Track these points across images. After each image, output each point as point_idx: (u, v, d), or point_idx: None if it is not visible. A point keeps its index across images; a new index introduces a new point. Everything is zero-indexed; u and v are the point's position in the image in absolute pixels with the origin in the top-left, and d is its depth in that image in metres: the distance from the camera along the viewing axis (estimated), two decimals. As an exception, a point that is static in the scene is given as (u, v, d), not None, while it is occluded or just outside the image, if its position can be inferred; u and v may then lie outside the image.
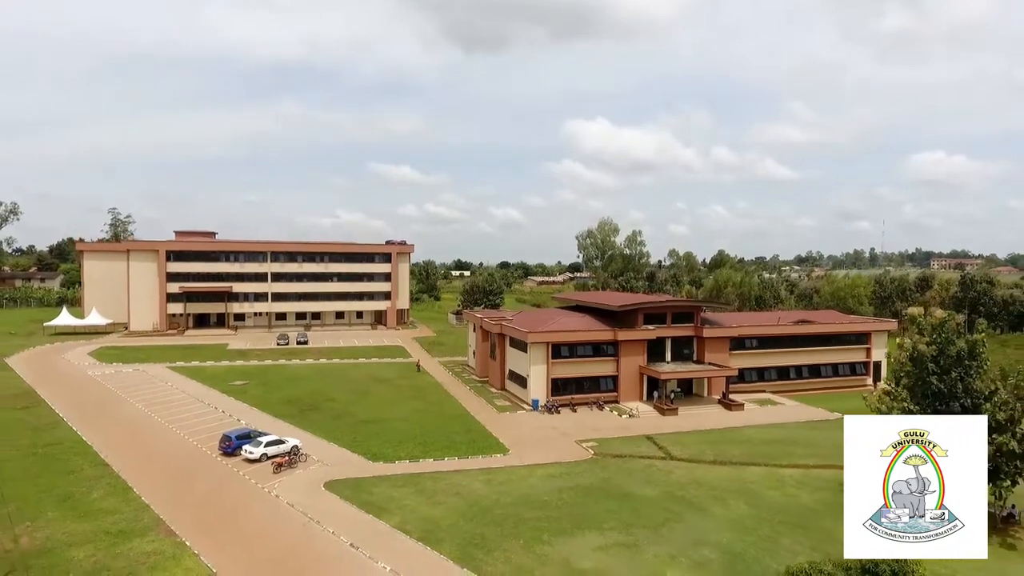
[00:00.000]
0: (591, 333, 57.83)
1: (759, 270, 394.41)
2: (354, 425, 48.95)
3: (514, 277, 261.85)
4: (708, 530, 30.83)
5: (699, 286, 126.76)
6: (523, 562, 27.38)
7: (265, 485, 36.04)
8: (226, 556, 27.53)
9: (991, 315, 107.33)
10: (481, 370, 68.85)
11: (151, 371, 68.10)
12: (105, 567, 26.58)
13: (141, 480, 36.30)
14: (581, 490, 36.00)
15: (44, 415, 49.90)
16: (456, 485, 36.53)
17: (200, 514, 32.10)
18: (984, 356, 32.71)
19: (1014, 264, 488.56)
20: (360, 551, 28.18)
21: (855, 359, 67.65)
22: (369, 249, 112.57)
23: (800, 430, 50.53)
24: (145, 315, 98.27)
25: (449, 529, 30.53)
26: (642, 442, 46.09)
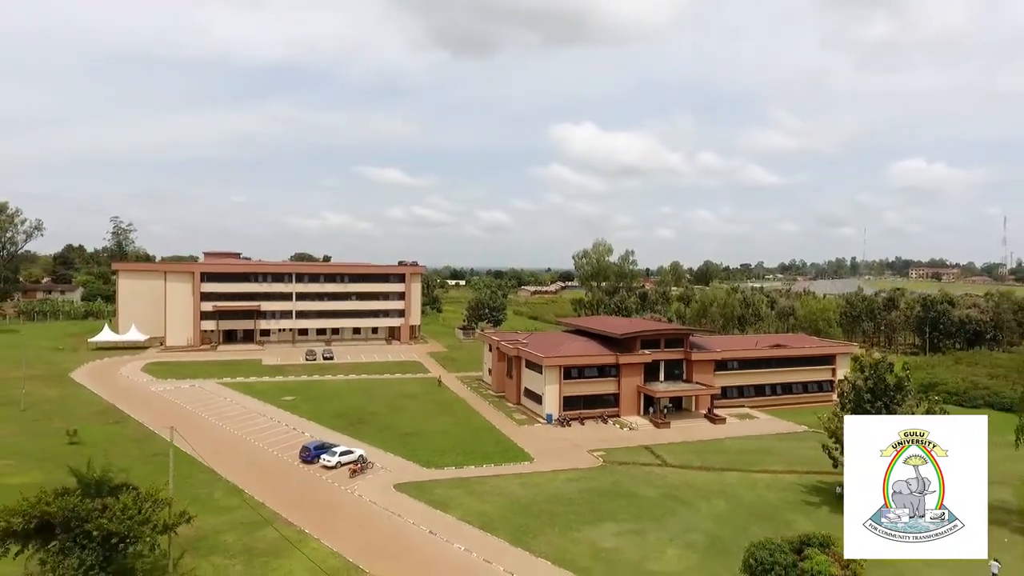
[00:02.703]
0: (597, 357, 67.66)
1: (743, 279, 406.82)
2: (400, 437, 58.27)
3: (508, 287, 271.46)
4: (696, 521, 40.64)
5: (687, 302, 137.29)
6: (561, 544, 37.02)
7: (346, 487, 45.38)
8: (339, 540, 36.80)
9: (949, 333, 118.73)
10: (498, 386, 78.37)
11: (206, 387, 76.88)
12: (251, 548, 35.83)
13: (246, 483, 45.41)
14: (597, 491, 45.70)
15: (136, 428, 58.75)
16: (497, 487, 46.10)
17: (305, 509, 41.31)
18: (908, 388, 42.96)
19: (989, 274, 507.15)
20: (438, 536, 37.68)
21: (822, 378, 78.11)
22: (385, 270, 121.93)
23: (772, 441, 60.66)
24: (180, 331, 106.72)
25: (500, 520, 40.09)
26: (641, 452, 55.91)
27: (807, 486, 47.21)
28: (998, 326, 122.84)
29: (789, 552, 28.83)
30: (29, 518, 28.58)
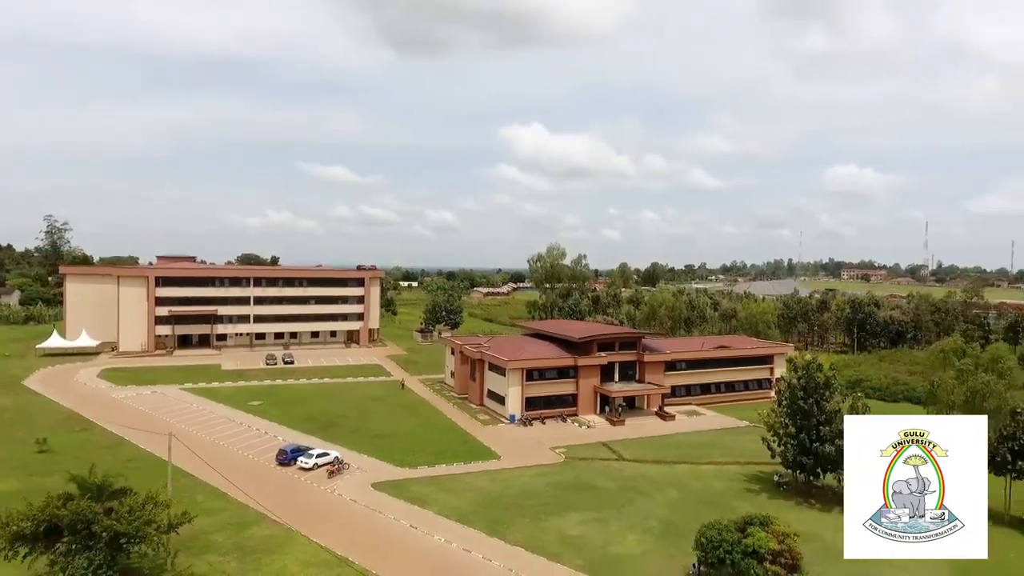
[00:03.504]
0: (557, 360, 71.68)
1: (688, 280, 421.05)
2: (372, 439, 60.70)
3: (461, 288, 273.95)
4: (652, 509, 44.95)
5: (637, 305, 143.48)
6: (532, 532, 40.61)
7: (326, 487, 47.76)
8: (326, 537, 39.28)
9: (874, 333, 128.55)
10: (460, 388, 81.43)
11: (169, 393, 77.06)
12: (241, 546, 37.99)
13: (227, 486, 47.04)
14: (561, 484, 49.52)
15: (105, 435, 59.18)
16: (469, 483, 49.35)
17: (288, 509, 43.49)
18: (835, 386, 48.43)
19: (912, 275, 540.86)
20: (419, 530, 40.67)
21: (761, 376, 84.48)
22: (344, 274, 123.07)
23: (717, 435, 65.96)
24: (134, 336, 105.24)
25: (475, 514, 43.37)
26: (600, 448, 60.12)
27: (748, 475, 52.30)
28: (917, 326, 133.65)
29: (734, 531, 33.24)
30: (38, 522, 30.22)
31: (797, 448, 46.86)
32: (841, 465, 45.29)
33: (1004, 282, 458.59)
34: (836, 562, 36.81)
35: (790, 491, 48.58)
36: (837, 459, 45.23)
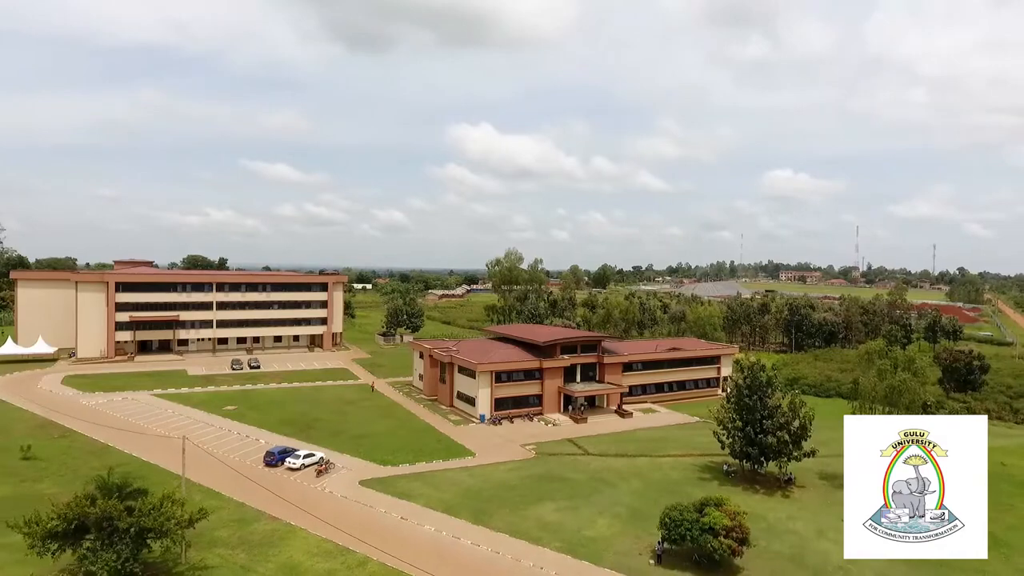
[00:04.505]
0: (523, 363, 76.26)
1: (635, 281, 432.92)
2: (351, 439, 63.77)
3: (415, 290, 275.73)
4: (618, 497, 49.97)
5: (592, 308, 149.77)
6: (513, 520, 44.95)
7: (316, 486, 50.85)
8: (324, 529, 42.58)
9: (810, 334, 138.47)
10: (429, 391, 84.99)
11: (140, 399, 77.78)
12: (246, 540, 40.97)
13: (220, 486, 49.64)
14: (534, 477, 54.05)
15: (86, 442, 60.25)
16: (450, 478, 53.29)
17: (284, 506, 46.47)
18: (775, 384, 54.61)
19: (845, 276, 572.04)
20: (409, 521, 44.43)
21: (710, 375, 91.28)
22: (308, 279, 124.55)
23: (671, 431, 71.86)
24: (93, 342, 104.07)
25: (459, 505, 47.39)
26: (566, 444, 64.99)
27: (701, 466, 58.05)
28: (848, 327, 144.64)
29: (693, 512, 38.41)
30: (69, 520, 32.72)
31: (744, 440, 52.75)
32: (782, 454, 51.85)
33: (926, 283, 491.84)
34: (779, 537, 42.84)
35: (737, 479, 54.46)
36: (779, 448, 51.40)
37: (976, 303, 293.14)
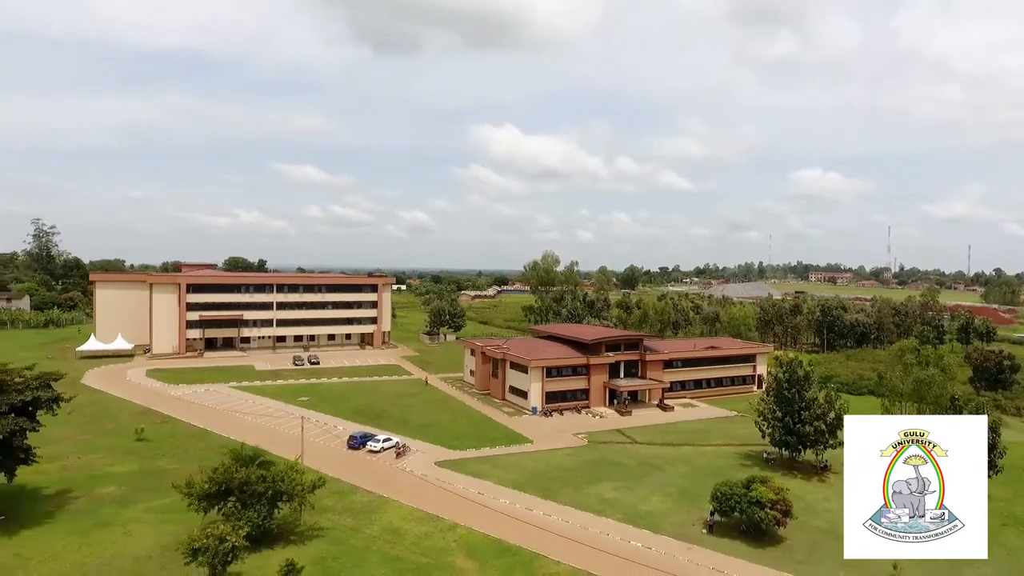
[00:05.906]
0: (572, 359, 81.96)
1: (663, 282, 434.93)
2: (419, 427, 70.11)
3: (449, 292, 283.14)
4: (667, 479, 55.41)
5: (627, 309, 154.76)
6: (576, 496, 50.72)
7: (397, 466, 57.21)
8: (413, 501, 48.81)
9: (842, 334, 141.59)
10: (481, 385, 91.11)
11: (221, 391, 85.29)
12: (350, 508, 47.39)
13: (317, 464, 55.81)
14: (590, 462, 59.74)
15: (187, 427, 67.53)
16: (515, 461, 59.25)
17: (373, 482, 52.81)
18: (812, 379, 59.51)
19: (876, 277, 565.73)
20: (485, 495, 50.48)
21: (746, 373, 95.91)
22: (359, 281, 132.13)
23: (712, 423, 76.89)
24: (166, 339, 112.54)
25: (527, 483, 53.30)
26: (615, 433, 70.51)
27: (742, 454, 63.09)
28: (880, 328, 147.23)
29: (741, 487, 43.76)
30: (218, 484, 39.41)
31: (783, 429, 57.74)
32: (818, 442, 56.74)
33: (961, 284, 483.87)
34: (817, 515, 47.93)
35: (776, 465, 59.40)
36: (815, 437, 56.35)
37: (1012, 305, 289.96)
